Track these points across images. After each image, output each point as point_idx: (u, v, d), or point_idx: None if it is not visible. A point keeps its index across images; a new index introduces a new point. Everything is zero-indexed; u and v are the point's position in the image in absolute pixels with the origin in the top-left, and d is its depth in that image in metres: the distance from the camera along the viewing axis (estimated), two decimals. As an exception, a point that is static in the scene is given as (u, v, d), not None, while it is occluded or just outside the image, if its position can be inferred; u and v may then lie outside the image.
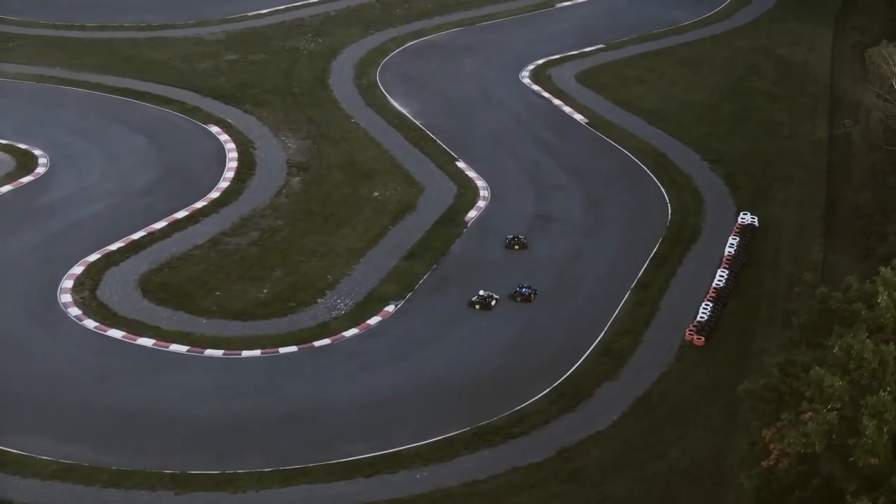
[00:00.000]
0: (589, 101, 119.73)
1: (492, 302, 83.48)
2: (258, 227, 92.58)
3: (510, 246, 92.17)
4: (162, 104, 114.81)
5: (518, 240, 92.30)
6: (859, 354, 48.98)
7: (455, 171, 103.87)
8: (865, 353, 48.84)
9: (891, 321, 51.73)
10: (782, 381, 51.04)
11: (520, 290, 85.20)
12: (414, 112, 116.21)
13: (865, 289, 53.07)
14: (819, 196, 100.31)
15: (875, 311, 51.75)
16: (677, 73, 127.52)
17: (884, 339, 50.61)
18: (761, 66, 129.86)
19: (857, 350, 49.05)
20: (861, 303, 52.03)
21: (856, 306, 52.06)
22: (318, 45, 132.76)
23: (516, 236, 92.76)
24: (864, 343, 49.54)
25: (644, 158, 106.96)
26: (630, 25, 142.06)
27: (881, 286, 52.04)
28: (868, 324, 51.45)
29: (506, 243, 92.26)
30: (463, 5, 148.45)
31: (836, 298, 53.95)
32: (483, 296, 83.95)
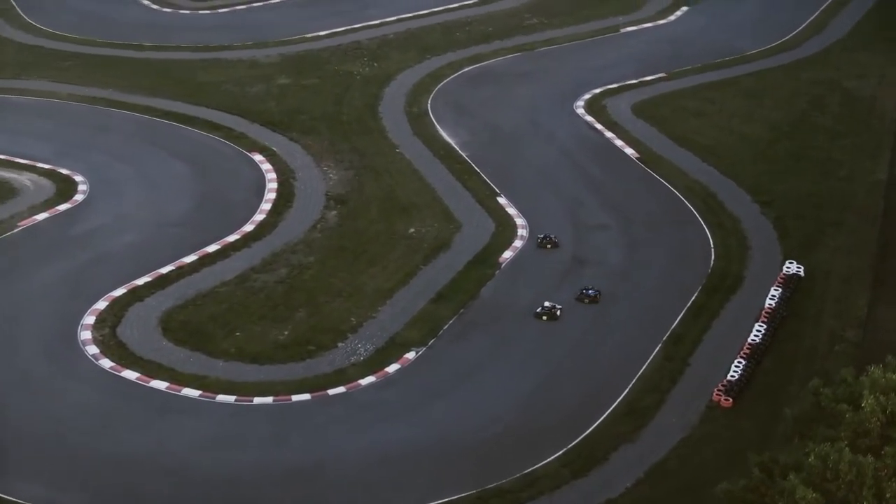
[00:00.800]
0: (643, 134, 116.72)
1: (557, 312, 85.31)
2: (288, 263, 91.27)
3: (542, 245, 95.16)
4: (209, 130, 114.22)
5: (550, 239, 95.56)
6: (835, 465, 45.95)
7: (495, 207, 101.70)
8: (842, 465, 45.79)
9: (877, 426, 48.54)
10: (763, 483, 48.13)
11: (586, 291, 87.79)
12: (461, 143, 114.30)
13: (854, 388, 49.85)
14: (870, 244, 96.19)
15: (860, 414, 48.58)
16: (738, 105, 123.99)
17: (869, 444, 47.42)
18: (826, 99, 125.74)
19: (833, 460, 46.02)
20: (847, 404, 48.89)
21: (841, 407, 48.96)
22: (372, 70, 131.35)
23: (547, 236, 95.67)
24: (841, 453, 46.49)
25: (692, 198, 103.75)
26: (695, 53, 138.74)
27: (868, 388, 48.85)
28: (853, 427, 48.31)
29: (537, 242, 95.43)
30: (524, 29, 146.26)
31: (826, 395, 50.81)
32: (548, 307, 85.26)
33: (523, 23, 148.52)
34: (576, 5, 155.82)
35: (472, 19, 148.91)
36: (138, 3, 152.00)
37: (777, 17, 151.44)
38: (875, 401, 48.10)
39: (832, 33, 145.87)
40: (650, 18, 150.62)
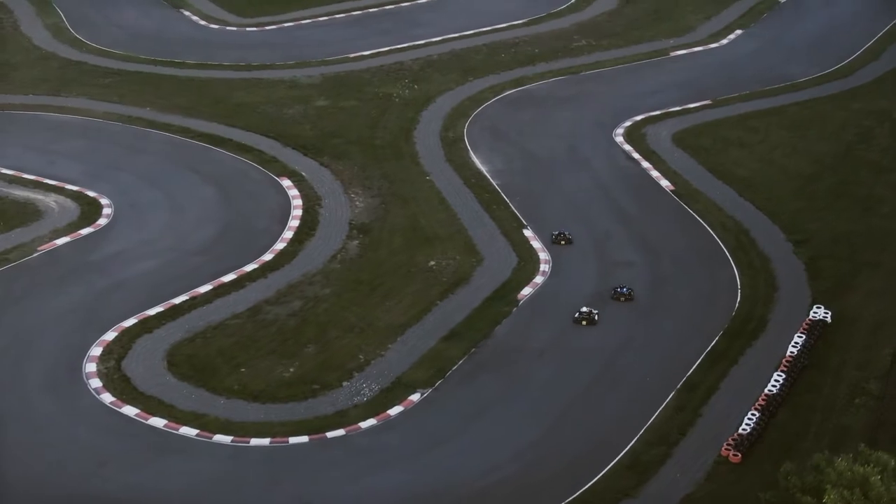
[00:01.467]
0: (681, 165, 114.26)
1: (595, 316, 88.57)
2: (303, 295, 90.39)
3: (556, 242, 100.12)
4: (240, 153, 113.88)
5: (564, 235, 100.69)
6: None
7: (520, 239, 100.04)
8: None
9: (838, 521, 46.15)
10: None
11: (620, 290, 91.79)
12: (493, 171, 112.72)
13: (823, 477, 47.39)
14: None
15: (822, 510, 46.21)
16: (782, 136, 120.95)
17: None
18: (874, 131, 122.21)
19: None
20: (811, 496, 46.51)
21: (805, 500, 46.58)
22: (412, 93, 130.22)
23: (562, 232, 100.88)
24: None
25: (725, 235, 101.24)
26: (743, 79, 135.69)
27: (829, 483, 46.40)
28: (815, 521, 46.01)
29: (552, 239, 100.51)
30: (571, 52, 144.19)
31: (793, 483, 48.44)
32: (585, 311, 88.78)
33: (571, 44, 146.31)
34: (627, 26, 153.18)
35: (519, 40, 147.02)
36: (187, 18, 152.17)
37: (834, 42, 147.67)
38: (838, 496, 45.70)
39: (889, 60, 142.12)
40: (701, 42, 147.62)
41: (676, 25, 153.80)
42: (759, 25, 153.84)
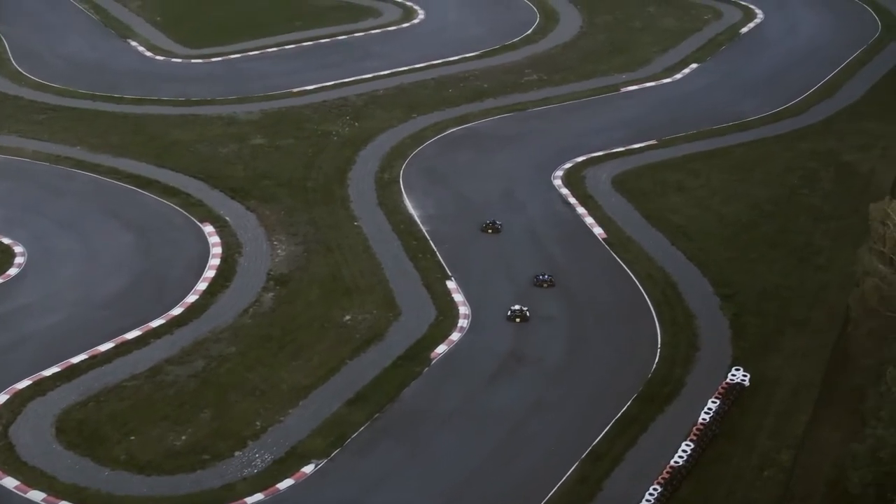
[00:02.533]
0: (616, 211, 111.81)
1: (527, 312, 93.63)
2: (207, 354, 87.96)
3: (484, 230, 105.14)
4: (166, 196, 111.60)
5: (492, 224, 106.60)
6: None
7: (442, 292, 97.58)
8: None
9: None
10: None
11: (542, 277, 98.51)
12: (425, 215, 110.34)
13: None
14: (831, 349, 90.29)
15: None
16: (723, 180, 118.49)
17: None
18: (819, 174, 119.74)
19: None
20: None
21: None
22: (352, 130, 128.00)
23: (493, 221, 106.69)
24: None
25: (652, 288, 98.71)
26: (693, 117, 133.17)
27: None
28: None
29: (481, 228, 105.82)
30: (521, 87, 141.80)
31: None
32: (517, 309, 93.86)
33: (521, 79, 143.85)
34: (581, 59, 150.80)
35: (469, 74, 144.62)
36: (133, 49, 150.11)
37: (791, 76, 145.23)
38: None
39: (844, 97, 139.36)
40: (655, 76, 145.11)
41: (632, 58, 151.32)
42: (715, 59, 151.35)
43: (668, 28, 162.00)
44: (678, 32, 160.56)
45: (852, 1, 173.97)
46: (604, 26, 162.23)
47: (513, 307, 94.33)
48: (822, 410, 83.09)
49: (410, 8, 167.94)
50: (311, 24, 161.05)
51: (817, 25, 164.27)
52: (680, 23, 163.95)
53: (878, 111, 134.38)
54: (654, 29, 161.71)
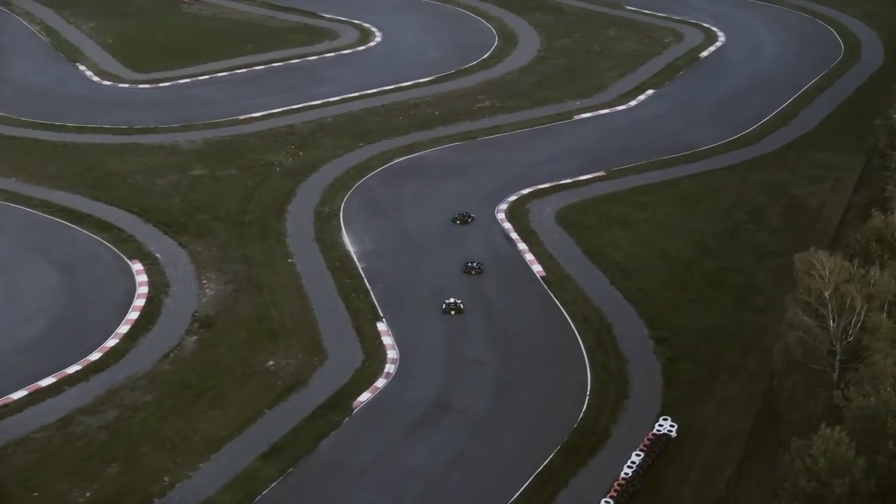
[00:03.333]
0: (557, 247, 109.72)
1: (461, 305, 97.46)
2: (122, 403, 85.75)
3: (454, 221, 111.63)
4: (97, 231, 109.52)
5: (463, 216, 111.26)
6: None
7: (372, 334, 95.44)
8: None
9: None
10: None
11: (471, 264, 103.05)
12: (362, 252, 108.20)
13: None
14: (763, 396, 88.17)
15: None
16: (669, 214, 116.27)
17: None
18: (768, 209, 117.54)
19: None
20: None
21: None
22: (296, 160, 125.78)
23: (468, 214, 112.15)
24: None
25: (586, 331, 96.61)
26: (644, 146, 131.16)
27: None
28: None
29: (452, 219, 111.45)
30: (473, 114, 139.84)
31: None
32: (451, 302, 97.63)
33: (474, 106, 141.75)
34: (537, 85, 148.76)
35: (421, 101, 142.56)
36: (81, 74, 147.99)
37: (747, 104, 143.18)
38: None
39: (800, 126, 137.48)
40: (609, 104, 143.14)
41: (588, 84, 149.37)
42: (672, 84, 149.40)
43: (627, 52, 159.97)
44: (637, 56, 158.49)
45: (817, 23, 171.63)
46: (562, 50, 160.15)
47: (447, 300, 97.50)
48: (749, 464, 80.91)
49: (368, 30, 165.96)
50: (265, 47, 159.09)
51: (780, 48, 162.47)
52: (640, 46, 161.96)
53: (832, 141, 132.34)
54: (612, 53, 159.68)
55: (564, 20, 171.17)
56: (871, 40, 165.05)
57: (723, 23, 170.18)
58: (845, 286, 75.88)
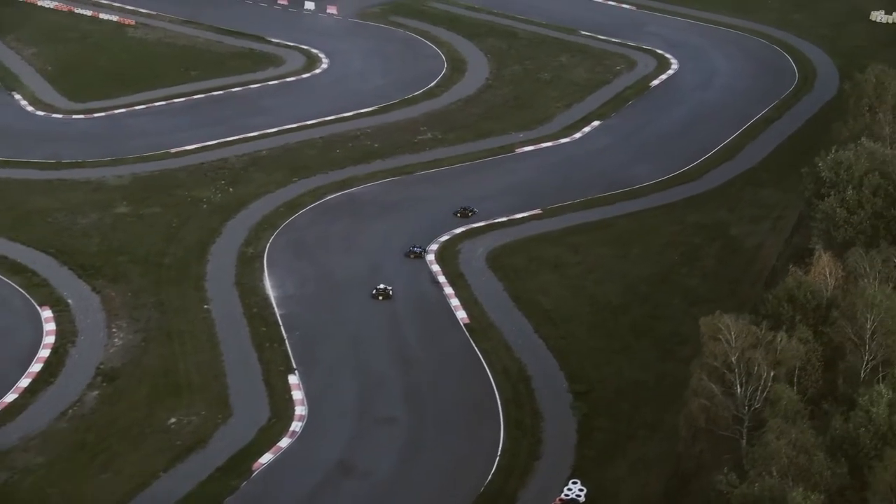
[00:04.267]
0: (485, 291, 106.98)
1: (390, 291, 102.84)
2: (12, 465, 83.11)
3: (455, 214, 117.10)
4: (10, 275, 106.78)
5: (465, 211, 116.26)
6: None
7: (282, 388, 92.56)
8: None
9: None
10: None
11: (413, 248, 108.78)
12: (282, 297, 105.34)
13: None
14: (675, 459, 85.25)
15: None
16: (602, 256, 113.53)
17: None
18: (702, 251, 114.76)
19: None
20: None
21: None
22: (225, 197, 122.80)
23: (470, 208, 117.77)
24: None
25: (504, 384, 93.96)
26: (585, 182, 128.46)
27: None
28: None
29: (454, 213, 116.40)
30: (414, 147, 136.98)
31: None
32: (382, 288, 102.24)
33: (415, 138, 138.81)
34: (481, 115, 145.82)
35: (362, 132, 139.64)
36: (16, 103, 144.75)
37: (693, 136, 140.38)
38: None
39: (744, 160, 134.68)
40: (553, 136, 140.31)
41: (534, 115, 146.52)
42: (619, 115, 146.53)
43: (577, 80, 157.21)
44: (586, 85, 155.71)
45: (773, 49, 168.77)
46: (510, 78, 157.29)
47: (378, 286, 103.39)
48: (655, 535, 77.70)
49: (315, 56, 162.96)
50: (208, 74, 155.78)
51: (732, 76, 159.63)
52: (590, 74, 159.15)
53: (775, 178, 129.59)
54: (562, 81, 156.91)
55: (517, 45, 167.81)
56: (826, 68, 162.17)
57: (677, 49, 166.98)
58: (751, 352, 72.78)
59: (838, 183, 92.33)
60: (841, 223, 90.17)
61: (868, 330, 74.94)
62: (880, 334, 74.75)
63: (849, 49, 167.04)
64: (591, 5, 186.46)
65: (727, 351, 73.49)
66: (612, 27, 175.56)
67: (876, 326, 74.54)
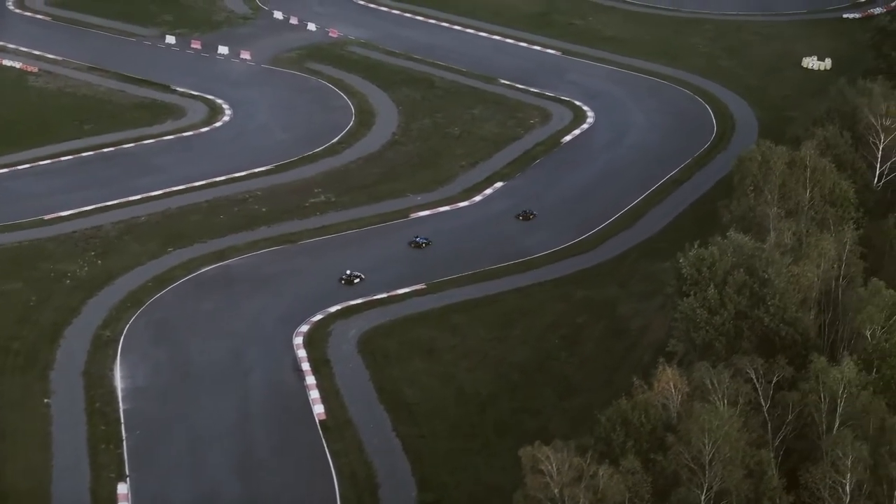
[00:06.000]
0: (348, 382, 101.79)
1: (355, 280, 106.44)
2: None
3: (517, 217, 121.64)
4: None
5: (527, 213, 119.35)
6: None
7: (109, 499, 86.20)
8: None
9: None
10: None
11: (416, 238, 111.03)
12: (131, 388, 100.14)
13: None
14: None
15: None
16: (479, 339, 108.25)
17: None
18: (585, 332, 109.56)
19: None
20: None
21: None
22: (92, 270, 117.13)
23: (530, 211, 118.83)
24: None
25: (350, 492, 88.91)
26: (475, 252, 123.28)
27: None
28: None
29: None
30: (303, 211, 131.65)
31: None
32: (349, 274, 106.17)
33: (307, 201, 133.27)
34: (381, 176, 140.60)
35: (251, 195, 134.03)
36: None
37: (597, 199, 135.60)
38: None
39: (644, 228, 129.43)
40: (452, 199, 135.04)
41: (436, 175, 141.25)
42: (524, 175, 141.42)
43: (486, 135, 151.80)
44: (496, 141, 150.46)
45: (695, 100, 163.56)
46: (418, 133, 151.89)
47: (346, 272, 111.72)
48: None
49: (219, 107, 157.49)
50: (102, 128, 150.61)
51: (647, 131, 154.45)
52: (501, 129, 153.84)
53: (674, 248, 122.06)
54: (471, 137, 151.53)
55: (431, 96, 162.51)
56: (746, 121, 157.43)
57: (596, 100, 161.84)
58: (574, 487, 66.99)
59: (700, 281, 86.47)
60: (702, 324, 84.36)
61: (706, 455, 69.13)
62: (718, 462, 68.90)
63: (775, 100, 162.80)
64: (516, 50, 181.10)
65: (549, 484, 67.46)
66: (533, 74, 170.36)
67: (714, 453, 68.74)
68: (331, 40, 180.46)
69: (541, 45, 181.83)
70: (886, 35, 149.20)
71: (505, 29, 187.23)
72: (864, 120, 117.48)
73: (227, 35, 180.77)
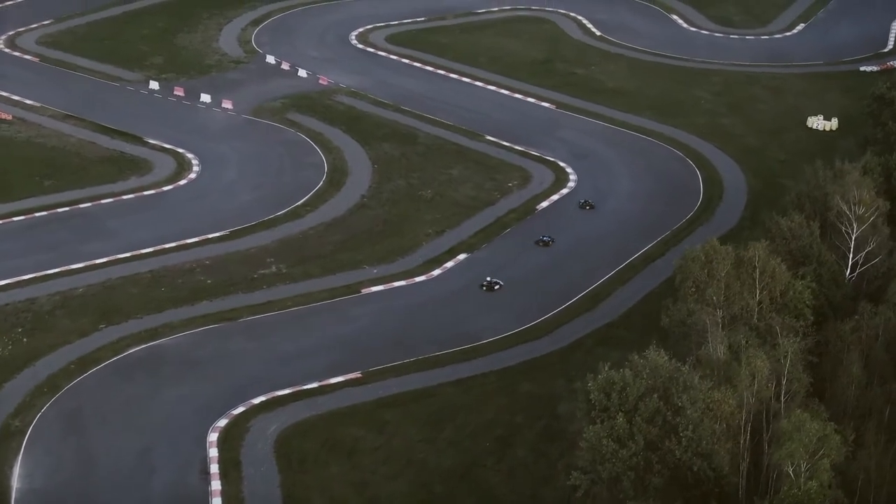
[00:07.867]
0: (256, 489, 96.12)
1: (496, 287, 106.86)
2: None
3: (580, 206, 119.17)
4: None
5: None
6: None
7: None
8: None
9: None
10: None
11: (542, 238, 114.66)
12: (26, 489, 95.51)
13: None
14: None
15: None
16: (408, 440, 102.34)
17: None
18: (519, 436, 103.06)
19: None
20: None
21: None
22: (16, 350, 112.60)
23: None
24: None
25: None
26: (422, 336, 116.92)
27: None
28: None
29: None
30: (251, 284, 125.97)
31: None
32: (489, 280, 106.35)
33: (256, 272, 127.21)
34: (340, 244, 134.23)
35: (199, 265, 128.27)
36: None
37: (561, 277, 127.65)
38: None
39: (606, 312, 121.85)
40: (410, 273, 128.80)
41: (399, 244, 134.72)
42: (490, 247, 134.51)
43: (460, 200, 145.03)
44: (469, 206, 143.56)
45: (686, 164, 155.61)
46: (388, 196, 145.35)
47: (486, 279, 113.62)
48: None
49: (188, 163, 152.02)
50: (63, 185, 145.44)
51: (629, 199, 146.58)
52: (477, 192, 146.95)
53: (633, 336, 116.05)
54: (443, 201, 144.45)
55: (411, 153, 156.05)
56: (736, 189, 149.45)
57: (582, 160, 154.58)
58: None
59: (609, 407, 79.15)
60: (608, 456, 77.00)
61: None
62: None
63: (771, 164, 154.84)
64: (509, 102, 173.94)
65: None
66: (523, 129, 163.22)
67: None
68: (320, 88, 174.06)
69: (536, 96, 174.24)
70: (884, 104, 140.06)
71: (502, 78, 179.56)
72: (835, 207, 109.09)
73: (213, 81, 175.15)
